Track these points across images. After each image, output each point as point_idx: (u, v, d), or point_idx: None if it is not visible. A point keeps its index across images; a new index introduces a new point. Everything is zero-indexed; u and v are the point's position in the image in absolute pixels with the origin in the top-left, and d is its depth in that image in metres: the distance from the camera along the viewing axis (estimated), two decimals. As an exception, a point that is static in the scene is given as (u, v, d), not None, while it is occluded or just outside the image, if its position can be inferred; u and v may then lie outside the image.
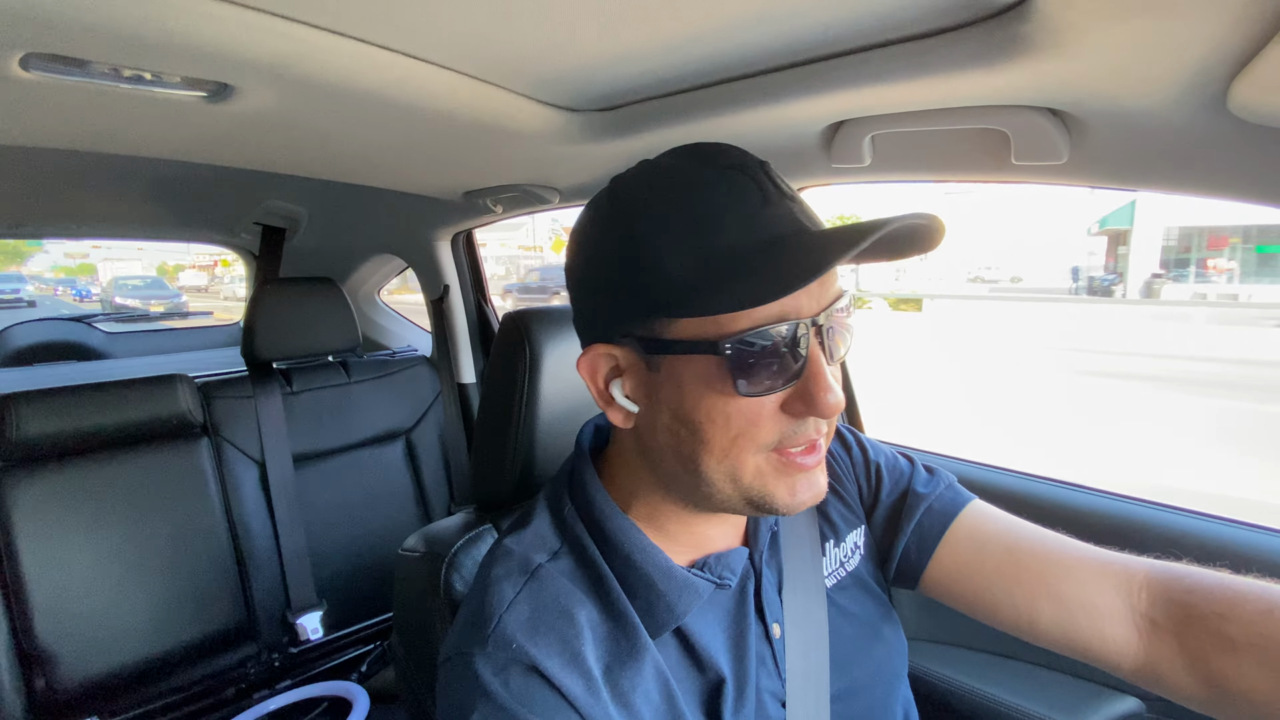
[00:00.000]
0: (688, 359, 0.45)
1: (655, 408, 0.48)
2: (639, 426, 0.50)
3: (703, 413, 0.45)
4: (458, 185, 1.26)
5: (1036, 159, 0.68)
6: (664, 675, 0.48)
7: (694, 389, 0.45)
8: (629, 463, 0.54)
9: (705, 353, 0.44)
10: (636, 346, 0.47)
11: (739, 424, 0.44)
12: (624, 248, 0.46)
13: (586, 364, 0.50)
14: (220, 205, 1.73)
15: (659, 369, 0.47)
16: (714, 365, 0.44)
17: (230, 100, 0.68)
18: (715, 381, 0.44)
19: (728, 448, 0.45)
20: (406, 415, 1.83)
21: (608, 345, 0.49)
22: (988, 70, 0.58)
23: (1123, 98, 0.59)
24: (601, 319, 0.50)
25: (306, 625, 1.49)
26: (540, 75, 0.73)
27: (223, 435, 1.50)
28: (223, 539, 1.44)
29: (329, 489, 1.65)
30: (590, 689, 0.44)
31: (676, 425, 0.46)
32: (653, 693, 0.47)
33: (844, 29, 0.59)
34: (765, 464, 0.46)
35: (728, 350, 0.43)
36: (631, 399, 0.49)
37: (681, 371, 0.45)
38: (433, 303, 1.90)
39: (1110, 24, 0.45)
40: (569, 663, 0.45)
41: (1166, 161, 0.65)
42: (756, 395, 0.44)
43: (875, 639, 0.60)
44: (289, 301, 1.62)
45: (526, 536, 0.53)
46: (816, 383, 0.44)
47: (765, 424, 0.45)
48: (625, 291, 0.46)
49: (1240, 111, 0.53)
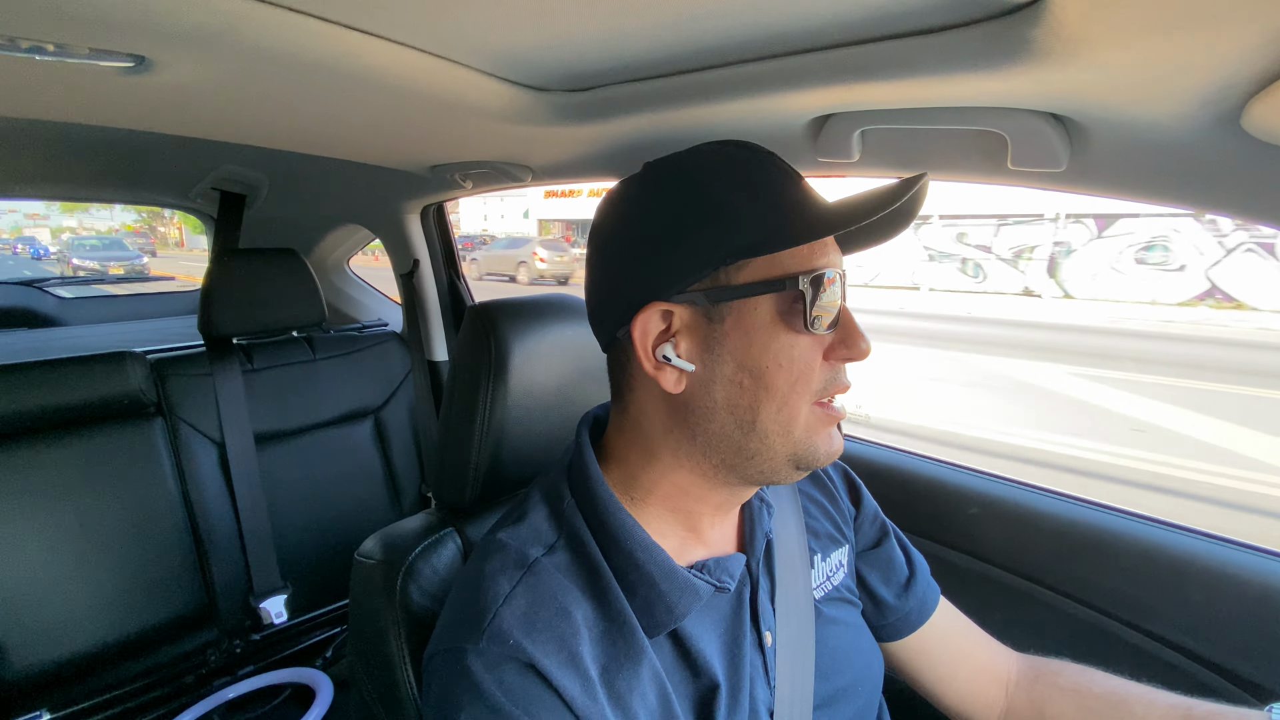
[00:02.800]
0: (755, 303, 0.47)
1: (716, 362, 0.48)
2: (689, 389, 0.50)
3: (771, 356, 0.47)
4: (424, 159, 1.18)
5: (1034, 165, 0.64)
6: (660, 678, 0.48)
7: (762, 332, 0.47)
8: (643, 446, 0.53)
9: (777, 290, 0.47)
10: (699, 299, 0.48)
11: (799, 367, 0.47)
12: (689, 202, 0.48)
13: (639, 325, 0.49)
14: (171, 169, 1.62)
15: (724, 319, 0.48)
16: (781, 305, 0.47)
17: (151, 73, 0.60)
18: (781, 323, 0.47)
19: (787, 394, 0.47)
20: (375, 393, 1.77)
21: (663, 303, 0.49)
22: (988, 71, 0.53)
23: (1131, 109, 0.54)
24: (656, 278, 0.49)
25: (270, 609, 1.46)
26: (503, 53, 0.66)
27: (178, 415, 1.43)
28: (180, 522, 1.39)
29: (293, 469, 1.59)
30: (587, 690, 0.43)
31: (740, 374, 0.48)
32: (649, 696, 0.47)
33: (839, 20, 0.54)
34: (814, 416, 0.49)
35: (802, 283, 0.46)
36: (686, 358, 0.49)
37: (749, 316, 0.47)
38: (402, 277, 1.83)
39: (1127, 39, 0.40)
40: (566, 662, 0.44)
41: (1171, 175, 0.61)
42: (819, 333, 0.48)
43: (857, 649, 0.62)
44: (249, 274, 1.53)
45: (522, 530, 0.52)
46: (853, 329, 0.50)
47: (816, 369, 0.49)
48: (691, 244, 0.47)
49: (1256, 131, 0.49)
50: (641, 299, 0.49)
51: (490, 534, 0.54)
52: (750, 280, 0.47)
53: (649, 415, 0.53)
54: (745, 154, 0.50)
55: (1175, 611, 0.81)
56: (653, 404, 0.52)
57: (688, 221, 0.48)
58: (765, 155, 0.51)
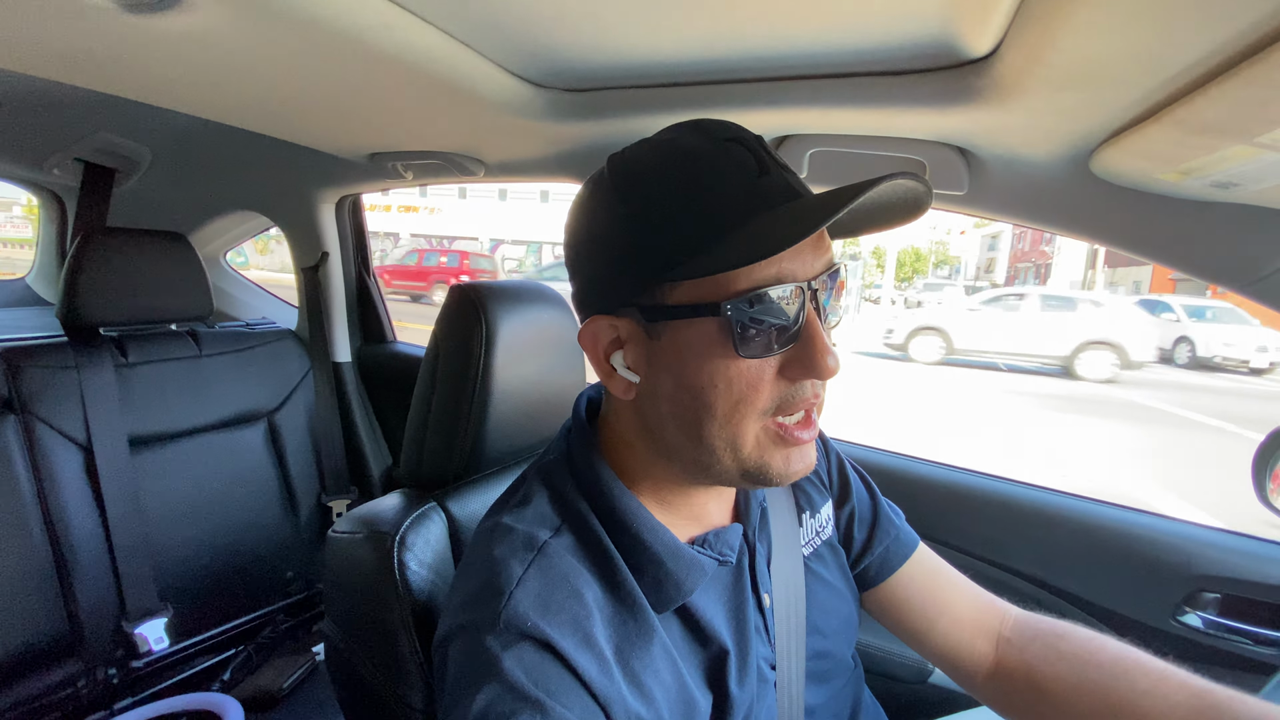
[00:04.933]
0: (689, 324, 0.45)
1: (657, 376, 0.48)
2: (640, 398, 0.50)
3: (705, 377, 0.45)
4: (366, 145, 1.16)
5: (944, 188, 0.82)
6: (671, 654, 0.49)
7: (696, 354, 0.46)
8: (628, 436, 0.54)
9: (706, 315, 0.45)
10: (638, 316, 0.47)
11: (740, 388, 0.45)
12: (627, 215, 0.47)
13: (588, 336, 0.50)
14: (29, 131, 1.40)
15: (660, 336, 0.47)
16: (715, 327, 0.45)
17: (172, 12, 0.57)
18: (717, 344, 0.45)
19: (730, 413, 0.46)
20: (269, 395, 1.62)
21: (609, 316, 0.49)
22: (927, 109, 0.69)
23: (1017, 148, 0.73)
24: (603, 290, 0.50)
25: (148, 635, 1.28)
26: (517, 45, 0.72)
27: (34, 413, 1.23)
28: (35, 537, 1.19)
29: (174, 477, 1.42)
30: (604, 669, 0.44)
31: (679, 392, 0.47)
32: (663, 672, 0.47)
33: (819, 55, 0.67)
34: (764, 434, 0.47)
35: (728, 311, 0.44)
36: (633, 369, 0.49)
37: (683, 337, 0.46)
38: (305, 271, 1.72)
39: (1047, 89, 0.56)
40: (582, 642, 0.44)
41: (1040, 202, 0.81)
42: (756, 357, 0.45)
43: (842, 600, 0.66)
44: (124, 256, 1.35)
45: (527, 514, 0.52)
46: (814, 344, 0.45)
47: (765, 388, 0.46)
48: (628, 259, 0.47)
49: (1099, 171, 0.69)
50: (589, 310, 0.51)
51: (491, 518, 0.55)
52: (681, 302, 0.46)
53: (621, 416, 0.54)
54: (710, 145, 0.47)
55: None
56: (621, 405, 0.53)
57: (624, 237, 0.47)
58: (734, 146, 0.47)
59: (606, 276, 0.49)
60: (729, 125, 0.49)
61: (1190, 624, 0.87)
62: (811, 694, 0.60)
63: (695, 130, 0.49)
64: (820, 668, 0.61)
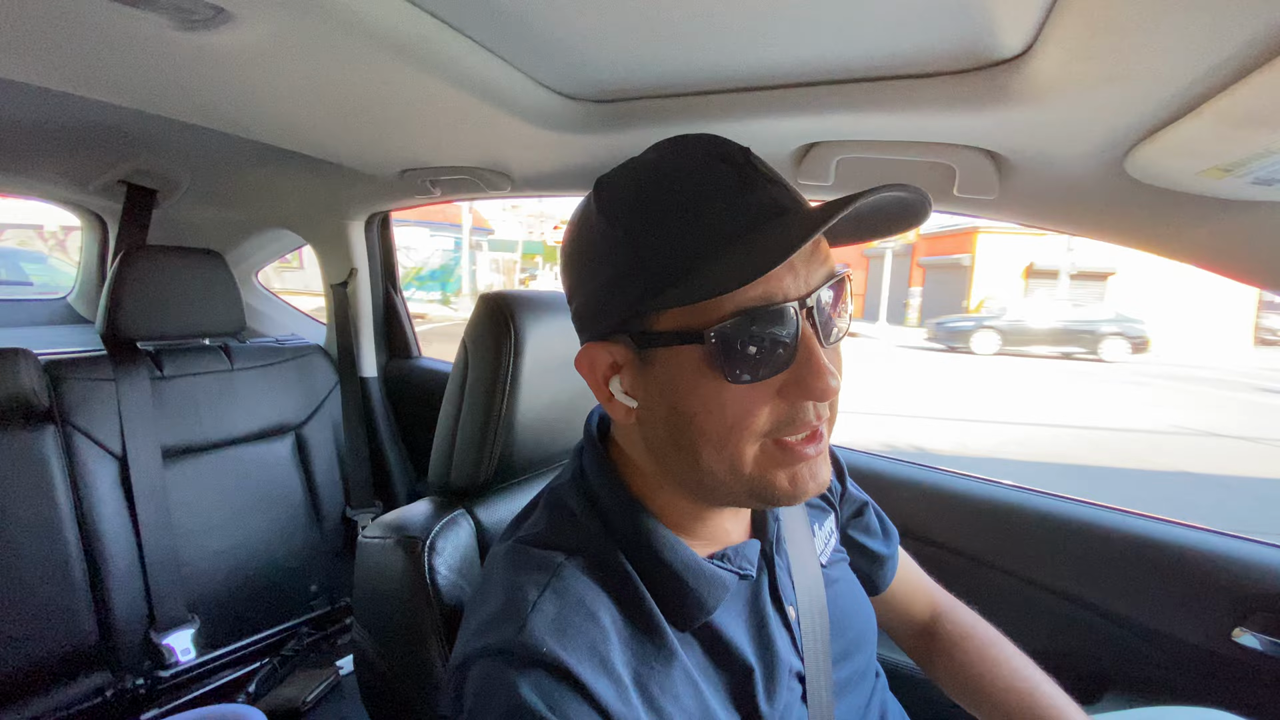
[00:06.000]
0: (677, 350, 0.45)
1: (652, 402, 0.48)
2: (640, 421, 0.50)
3: (697, 403, 0.45)
4: (398, 161, 1.19)
5: (974, 193, 0.81)
6: (692, 677, 0.48)
7: (685, 380, 0.45)
8: (635, 458, 0.53)
9: (691, 343, 0.43)
10: (629, 342, 0.47)
11: (733, 413, 0.44)
12: (610, 243, 0.46)
13: (585, 362, 0.50)
14: (76, 154, 1.46)
15: (652, 363, 0.46)
16: (701, 354, 0.44)
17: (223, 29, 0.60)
18: (705, 371, 0.44)
19: (724, 437, 0.45)
20: (297, 409, 1.65)
21: (604, 343, 0.49)
22: (957, 112, 0.68)
23: (1047, 148, 0.72)
24: (595, 316, 0.49)
25: (175, 645, 1.29)
26: (550, 57, 0.73)
27: (73, 423, 1.26)
28: (71, 546, 1.21)
29: (203, 489, 1.44)
30: (621, 695, 0.43)
31: (673, 418, 0.46)
32: (683, 697, 0.47)
33: (843, 59, 0.67)
34: (764, 453, 0.46)
35: (712, 339, 0.42)
36: (630, 395, 0.49)
37: (673, 363, 0.45)
38: (335, 287, 1.76)
39: (1083, 86, 0.56)
40: (599, 667, 0.43)
41: (1071, 206, 0.80)
42: (746, 383, 0.43)
43: (859, 602, 0.67)
44: (163, 273, 1.40)
45: (541, 536, 0.52)
46: (810, 367, 0.44)
47: (761, 411, 0.44)
48: (614, 287, 0.46)
49: (1134, 171, 0.68)
50: (585, 337, 0.51)
51: (508, 540, 0.54)
52: (668, 329, 0.45)
53: (628, 438, 0.54)
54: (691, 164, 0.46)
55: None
56: (626, 427, 0.52)
57: (610, 265, 0.46)
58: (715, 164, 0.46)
59: (599, 301, 0.48)
60: (714, 140, 0.48)
61: (1248, 645, 0.83)
62: (840, 704, 0.59)
63: (676, 149, 0.48)
64: (844, 670, 0.61)
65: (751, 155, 0.47)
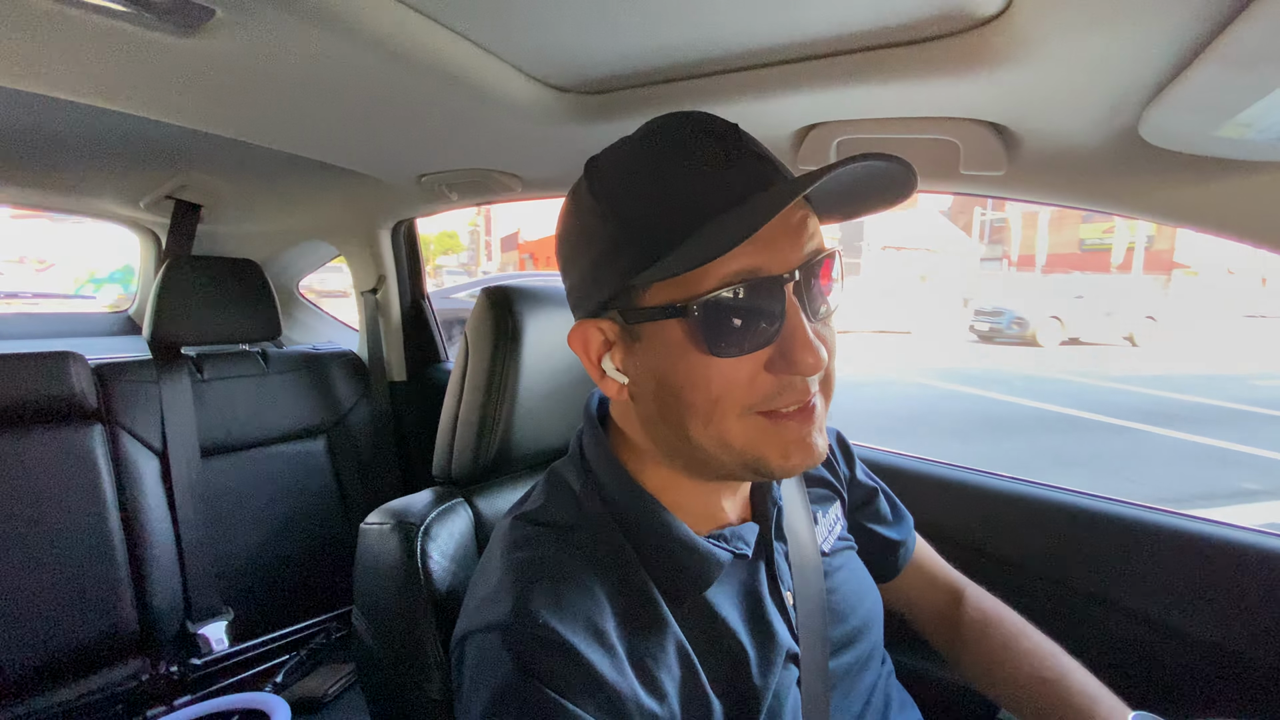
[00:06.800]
0: (663, 324, 0.45)
1: (642, 378, 0.49)
2: (632, 398, 0.51)
3: (682, 377, 0.45)
4: (414, 167, 1.23)
5: (981, 169, 0.78)
6: (685, 648, 0.48)
7: (672, 354, 0.45)
8: (632, 435, 0.54)
9: (676, 316, 0.44)
10: (618, 319, 0.48)
11: (719, 386, 0.44)
12: (600, 220, 0.47)
13: (578, 339, 0.51)
14: (124, 174, 1.57)
15: (640, 338, 0.47)
16: (686, 328, 0.44)
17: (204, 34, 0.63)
18: (690, 345, 0.44)
19: (710, 410, 0.45)
20: (330, 411, 1.72)
21: (595, 320, 0.50)
22: (954, 80, 0.66)
23: (1053, 115, 0.69)
24: (586, 294, 0.50)
25: (210, 635, 1.35)
26: (533, 48, 0.74)
27: (119, 422, 1.35)
28: (114, 538, 1.28)
29: (239, 485, 1.51)
30: (615, 664, 0.44)
31: (662, 392, 0.47)
32: (675, 666, 0.47)
33: (832, 32, 0.65)
34: (754, 427, 0.46)
35: (695, 312, 0.43)
36: (621, 371, 0.50)
37: (660, 338, 0.46)
38: (364, 294, 1.82)
39: (1071, 37, 0.53)
40: (593, 638, 0.44)
41: (1083, 177, 0.76)
42: (731, 356, 0.44)
43: (864, 589, 0.66)
44: (204, 282, 1.49)
45: (541, 513, 0.53)
46: (795, 340, 0.44)
47: (747, 385, 0.45)
48: (603, 263, 0.47)
49: (1150, 136, 0.64)
50: (577, 315, 0.53)
51: (508, 518, 0.55)
52: (654, 303, 0.45)
53: (624, 416, 0.55)
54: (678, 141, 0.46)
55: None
56: (622, 405, 0.54)
57: (600, 242, 0.47)
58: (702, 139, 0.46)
59: (589, 278, 0.49)
60: (702, 117, 0.48)
61: None
62: (842, 690, 0.58)
63: (664, 126, 0.48)
64: (848, 663, 0.60)
65: (740, 130, 0.48)
